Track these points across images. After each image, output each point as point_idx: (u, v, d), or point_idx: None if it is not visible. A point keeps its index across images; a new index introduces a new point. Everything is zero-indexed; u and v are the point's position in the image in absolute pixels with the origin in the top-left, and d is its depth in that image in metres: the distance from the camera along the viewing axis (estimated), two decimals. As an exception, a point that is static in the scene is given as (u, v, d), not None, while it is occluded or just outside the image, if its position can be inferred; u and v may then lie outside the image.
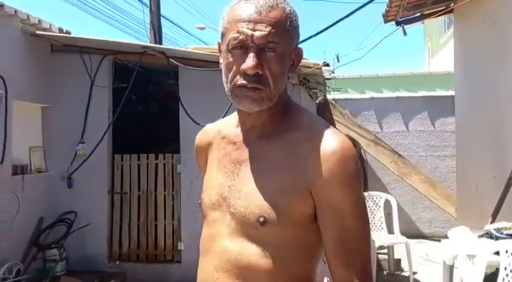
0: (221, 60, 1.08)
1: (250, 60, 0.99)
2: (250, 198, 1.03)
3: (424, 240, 6.64)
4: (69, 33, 5.09)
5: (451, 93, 6.41)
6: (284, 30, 1.02)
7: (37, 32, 4.62)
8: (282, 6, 1.03)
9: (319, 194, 0.99)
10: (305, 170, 1.00)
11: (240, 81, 1.01)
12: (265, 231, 1.00)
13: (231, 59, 1.03)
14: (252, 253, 1.02)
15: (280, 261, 1.01)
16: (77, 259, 4.75)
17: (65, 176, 4.83)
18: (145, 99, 6.03)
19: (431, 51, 13.76)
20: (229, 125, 1.17)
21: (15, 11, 4.36)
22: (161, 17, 8.20)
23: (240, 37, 1.00)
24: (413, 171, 6.96)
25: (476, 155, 4.92)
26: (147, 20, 8.30)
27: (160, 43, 7.76)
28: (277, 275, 1.01)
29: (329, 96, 7.07)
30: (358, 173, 1.00)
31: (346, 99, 7.52)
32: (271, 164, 1.04)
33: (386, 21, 5.48)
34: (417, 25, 7.57)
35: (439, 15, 5.80)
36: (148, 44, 6.31)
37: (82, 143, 4.83)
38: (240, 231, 1.04)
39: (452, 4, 5.24)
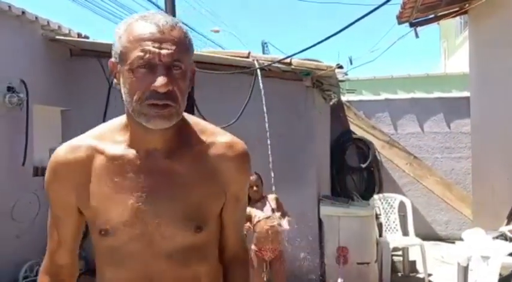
0: (118, 80, 1.07)
1: (161, 79, 0.99)
2: (179, 214, 1.08)
3: (440, 243, 6.60)
4: (88, 38, 5.21)
5: (466, 94, 6.36)
6: (185, 49, 1.05)
7: (57, 37, 4.76)
8: (180, 25, 1.06)
9: (230, 192, 1.16)
10: (219, 176, 1.14)
11: (150, 100, 1.01)
12: (201, 236, 1.11)
13: (135, 79, 1.01)
14: (190, 261, 1.12)
15: (207, 257, 1.17)
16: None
17: (84, 177, 4.93)
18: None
19: (448, 52, 13.63)
20: (108, 143, 1.12)
21: (36, 17, 4.50)
22: (177, 21, 8.29)
23: (147, 56, 1.00)
24: (428, 173, 6.93)
25: (492, 156, 4.89)
26: (163, 24, 8.39)
27: (176, 47, 7.86)
28: (207, 267, 1.17)
29: (343, 98, 7.09)
30: (250, 170, 1.23)
31: (360, 100, 7.51)
32: (186, 180, 1.10)
33: (400, 23, 5.49)
34: (433, 26, 7.54)
35: (453, 17, 5.77)
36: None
37: (100, 145, 4.93)
38: (173, 246, 1.09)
39: (466, 5, 5.23)
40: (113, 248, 1.10)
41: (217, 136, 1.17)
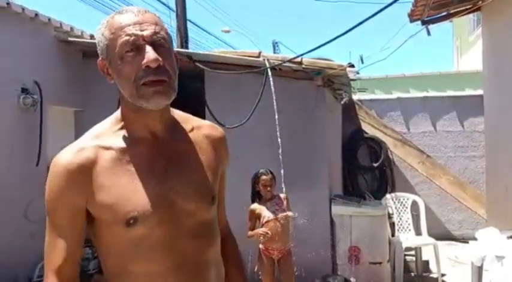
0: (111, 75, 1.12)
1: (150, 54, 1.04)
2: (199, 186, 1.17)
3: (453, 242, 6.53)
4: (100, 39, 5.25)
5: (480, 92, 6.29)
6: (164, 29, 1.10)
7: (69, 38, 4.81)
8: (152, 11, 1.13)
9: (221, 169, 1.28)
10: (216, 154, 1.25)
11: (145, 78, 1.04)
12: (214, 207, 1.21)
13: (126, 64, 1.06)
14: (211, 232, 1.21)
15: (217, 234, 1.26)
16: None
17: (97, 177, 4.98)
18: (173, 102, 6.14)
19: (460, 50, 13.49)
20: (112, 138, 1.13)
21: (49, 19, 4.55)
22: (187, 21, 8.34)
23: (131, 38, 1.05)
24: (441, 172, 6.86)
25: (507, 155, 4.82)
26: (174, 24, 8.45)
27: (187, 47, 7.90)
28: (218, 240, 1.25)
29: (355, 97, 7.05)
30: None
31: (372, 99, 7.47)
32: (192, 157, 1.19)
33: (412, 21, 5.43)
34: (445, 24, 7.46)
35: (466, 14, 5.70)
36: (175, 48, 6.42)
37: (112, 145, 4.97)
38: (195, 219, 1.15)
39: (479, 2, 5.16)
40: (142, 237, 1.07)
41: (198, 120, 1.28)
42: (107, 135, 1.14)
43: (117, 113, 1.17)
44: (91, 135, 1.15)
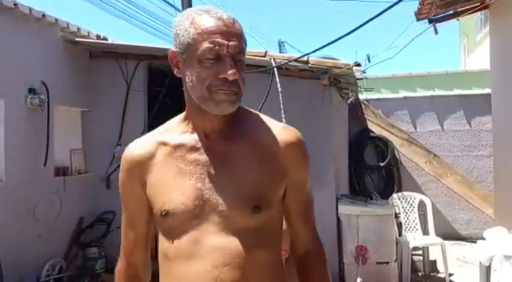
0: (180, 70, 1.15)
1: (230, 68, 1.09)
2: (240, 192, 1.12)
3: (461, 242, 6.49)
4: (106, 39, 5.28)
5: (487, 91, 6.24)
6: (244, 41, 1.14)
7: (76, 39, 4.83)
8: (237, 19, 1.14)
9: (290, 178, 1.19)
10: (279, 159, 1.17)
11: (220, 86, 1.10)
12: (260, 217, 1.13)
13: (204, 69, 1.10)
14: (250, 242, 1.12)
15: (271, 242, 1.18)
16: (116, 257, 4.89)
17: (104, 177, 5.01)
18: (179, 102, 6.15)
19: (468, 48, 13.40)
20: (172, 135, 1.20)
21: (56, 20, 4.57)
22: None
23: (216, 47, 1.09)
24: (449, 171, 6.83)
25: (515, 154, 4.78)
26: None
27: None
28: (270, 254, 1.17)
29: (361, 96, 7.03)
30: (308, 156, 1.25)
31: (378, 99, 7.44)
32: (246, 159, 1.15)
33: (418, 20, 5.40)
34: (452, 23, 7.41)
35: (473, 12, 5.66)
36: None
37: (119, 145, 4.99)
38: (233, 225, 1.11)
39: (487, 0, 5.12)
40: (173, 229, 1.14)
41: (272, 122, 1.22)
42: (171, 131, 1.22)
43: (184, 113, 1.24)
44: (160, 129, 1.25)
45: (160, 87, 4.96)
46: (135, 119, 5.05)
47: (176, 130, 1.21)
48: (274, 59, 4.39)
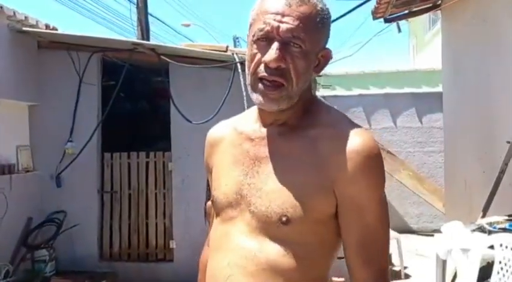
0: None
1: (273, 52, 0.97)
2: (271, 196, 1.01)
3: (412, 235, 6.71)
4: (56, 29, 4.99)
5: (437, 89, 6.48)
6: (312, 27, 0.99)
7: (23, 28, 4.53)
8: (314, 2, 1.01)
9: (342, 192, 0.98)
10: (328, 169, 0.98)
11: (262, 73, 1.00)
12: (288, 230, 0.99)
13: (255, 50, 1.01)
14: (272, 251, 1.00)
15: (299, 259, 1.00)
16: (67, 259, 4.68)
17: (54, 175, 4.76)
18: (135, 97, 5.96)
19: (416, 48, 13.89)
20: (246, 121, 1.14)
21: (1, 7, 4.27)
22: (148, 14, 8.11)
23: (266, 28, 0.98)
24: (401, 167, 7.03)
25: (465, 150, 4.98)
26: (134, 17, 8.21)
27: (148, 40, 7.68)
28: (295, 273, 1.00)
29: (318, 93, 7.09)
30: (382, 173, 1.02)
31: (335, 96, 7.56)
32: (292, 162, 1.02)
33: (375, 18, 5.50)
34: (401, 22, 7.61)
35: (427, 12, 5.84)
36: (139, 40, 6.24)
37: (71, 141, 4.76)
38: (260, 229, 1.02)
39: (439, 1, 5.29)
40: (216, 216, 1.13)
41: (344, 125, 1.03)
42: (248, 116, 1.15)
43: None
44: (240, 115, 1.21)
45: (116, 80, 4.76)
46: (88, 113, 4.82)
47: (251, 116, 1.13)
48: (236, 54, 4.32)
